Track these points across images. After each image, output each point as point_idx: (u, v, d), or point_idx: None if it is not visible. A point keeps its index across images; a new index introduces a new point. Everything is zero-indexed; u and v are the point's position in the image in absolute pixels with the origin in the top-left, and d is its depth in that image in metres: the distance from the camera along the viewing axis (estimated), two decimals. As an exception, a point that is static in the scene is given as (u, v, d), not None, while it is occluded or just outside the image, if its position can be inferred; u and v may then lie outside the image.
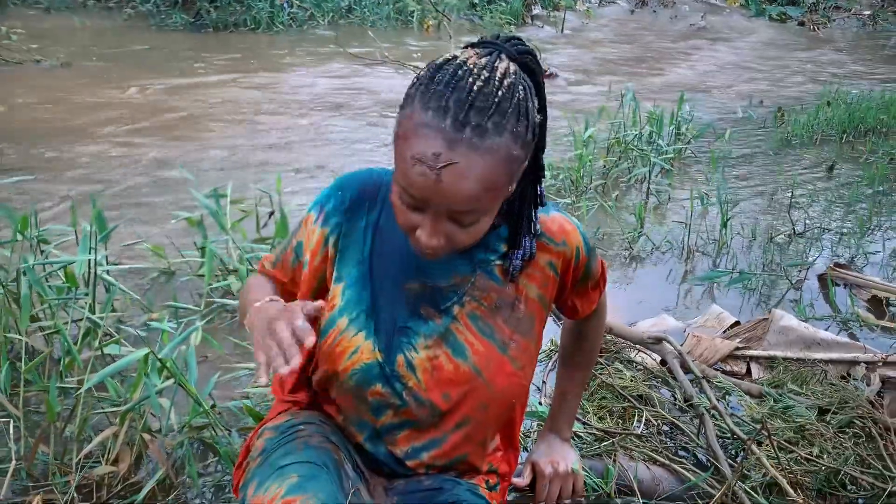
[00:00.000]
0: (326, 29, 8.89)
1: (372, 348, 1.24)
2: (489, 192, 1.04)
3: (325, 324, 1.27)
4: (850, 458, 1.78)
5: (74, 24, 8.18)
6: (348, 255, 1.27)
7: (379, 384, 1.25)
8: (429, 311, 1.26)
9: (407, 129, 1.03)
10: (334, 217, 1.27)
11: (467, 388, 1.26)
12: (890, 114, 5.41)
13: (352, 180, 1.29)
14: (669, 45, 9.30)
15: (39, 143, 4.31)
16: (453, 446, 1.32)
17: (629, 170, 4.05)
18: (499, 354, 1.27)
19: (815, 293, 3.01)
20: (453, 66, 1.03)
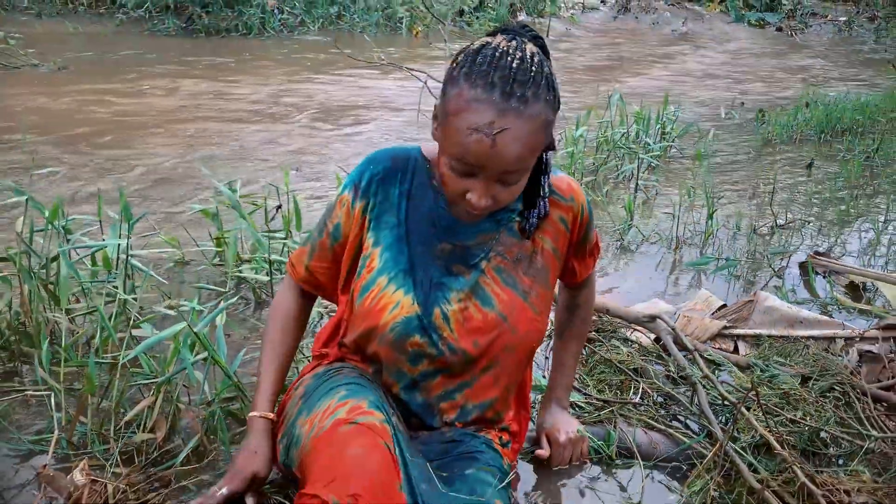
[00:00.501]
0: (317, 34, 9.05)
1: (411, 303, 1.40)
2: (532, 153, 1.23)
3: (364, 283, 1.43)
4: (831, 419, 1.94)
5: (67, 30, 8.27)
6: (383, 220, 1.43)
7: (417, 335, 1.40)
8: (459, 268, 1.43)
9: (458, 105, 1.20)
10: (371, 188, 1.43)
11: (495, 334, 1.43)
12: (865, 114, 5.63)
13: (383, 154, 1.46)
14: (652, 49, 9.53)
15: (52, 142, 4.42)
16: (483, 387, 1.48)
17: (618, 167, 4.22)
18: (521, 302, 1.44)
19: (796, 280, 3.18)
20: (490, 50, 1.21)
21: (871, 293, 3.05)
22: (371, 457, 1.24)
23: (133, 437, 1.86)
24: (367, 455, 1.24)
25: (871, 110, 5.72)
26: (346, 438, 1.27)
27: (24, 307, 2.22)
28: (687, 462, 1.93)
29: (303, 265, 1.54)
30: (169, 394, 1.95)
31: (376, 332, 1.43)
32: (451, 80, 1.23)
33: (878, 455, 1.89)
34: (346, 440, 1.27)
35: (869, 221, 3.83)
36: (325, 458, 1.26)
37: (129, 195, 3.67)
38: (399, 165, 1.44)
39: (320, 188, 3.92)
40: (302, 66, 7.36)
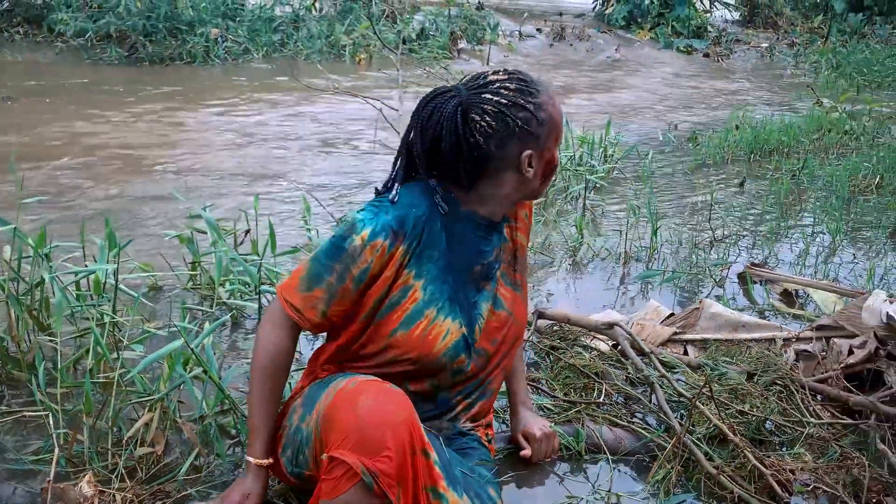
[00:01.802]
0: (261, 62, 9.13)
1: (459, 326, 1.57)
2: None
3: (410, 314, 1.54)
4: (775, 410, 2.16)
5: (5, 59, 8.17)
6: (426, 254, 1.54)
7: (463, 354, 1.59)
8: (484, 284, 1.63)
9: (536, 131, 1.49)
10: (416, 230, 1.51)
11: (505, 330, 1.65)
12: (790, 136, 6.02)
13: (414, 195, 1.54)
14: (588, 74, 9.91)
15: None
16: (491, 381, 1.70)
17: (566, 188, 4.45)
18: (517, 294, 1.69)
19: (735, 289, 3.44)
20: (515, 83, 1.50)
21: (803, 299, 3.33)
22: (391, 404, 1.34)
23: (134, 452, 1.95)
24: (387, 403, 1.34)
25: (795, 132, 6.12)
26: (362, 390, 1.37)
27: (12, 332, 2.28)
28: (649, 454, 2.12)
29: (318, 312, 1.53)
30: (165, 410, 2.05)
31: (428, 358, 1.56)
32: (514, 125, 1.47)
33: (816, 440, 2.12)
34: (363, 391, 1.36)
35: (798, 233, 4.13)
36: (344, 414, 1.33)
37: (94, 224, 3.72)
38: (431, 201, 1.54)
39: (284, 212, 4.04)
40: (247, 92, 7.44)
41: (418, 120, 1.51)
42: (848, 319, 2.50)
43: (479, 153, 1.48)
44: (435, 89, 1.53)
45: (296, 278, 1.55)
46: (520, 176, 1.52)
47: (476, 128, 1.46)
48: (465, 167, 1.50)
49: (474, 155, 1.48)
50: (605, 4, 13.94)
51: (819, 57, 11.43)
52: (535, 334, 2.75)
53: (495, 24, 10.93)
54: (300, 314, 1.54)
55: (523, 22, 11.81)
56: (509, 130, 1.47)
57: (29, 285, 2.33)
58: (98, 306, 2.29)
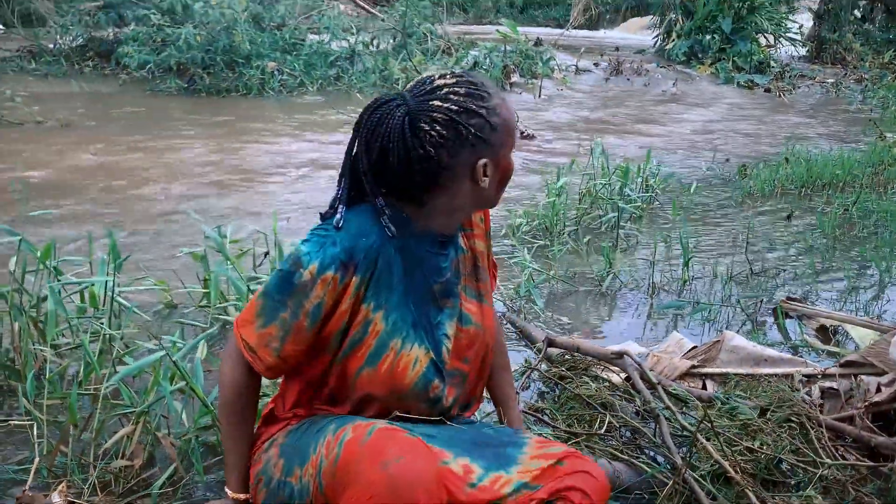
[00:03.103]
0: (315, 94, 9.30)
1: (425, 352, 1.47)
2: None
3: (373, 350, 1.43)
4: (787, 447, 2.00)
5: (73, 89, 8.53)
6: (382, 283, 1.42)
7: (435, 380, 1.49)
8: (445, 301, 1.52)
9: (490, 137, 1.40)
10: (366, 261, 1.40)
11: (477, 344, 1.55)
12: (844, 169, 5.78)
13: (363, 223, 1.42)
14: (642, 108, 9.77)
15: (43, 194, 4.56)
16: (473, 387, 1.62)
17: (600, 217, 4.34)
18: (484, 306, 1.58)
19: (769, 323, 3.26)
20: (465, 87, 1.40)
21: (841, 336, 3.13)
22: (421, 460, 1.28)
23: (111, 464, 1.92)
24: (417, 459, 1.28)
25: (850, 165, 5.87)
26: (386, 443, 1.29)
27: (14, 343, 2.31)
28: (649, 491, 1.99)
29: (272, 350, 1.42)
30: (148, 424, 2.02)
31: (400, 391, 1.46)
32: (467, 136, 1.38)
33: (833, 483, 1.95)
34: (388, 444, 1.28)
35: (844, 270, 3.92)
36: (369, 469, 1.26)
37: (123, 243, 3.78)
38: (379, 229, 1.42)
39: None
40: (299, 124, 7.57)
41: (362, 133, 1.39)
42: (877, 355, 2.33)
43: (431, 165, 1.37)
44: (377, 98, 1.42)
45: (251, 313, 1.44)
46: (475, 186, 1.42)
47: (426, 138, 1.35)
48: (415, 181, 1.38)
49: (425, 167, 1.37)
50: (666, 40, 13.81)
51: (887, 92, 11.02)
52: (545, 363, 2.65)
53: (549, 57, 10.91)
54: (254, 354, 1.43)
55: (580, 56, 11.76)
56: (462, 139, 1.37)
57: (32, 297, 2.35)
58: (97, 318, 2.30)
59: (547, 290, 3.50)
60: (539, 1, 22.67)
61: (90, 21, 10.08)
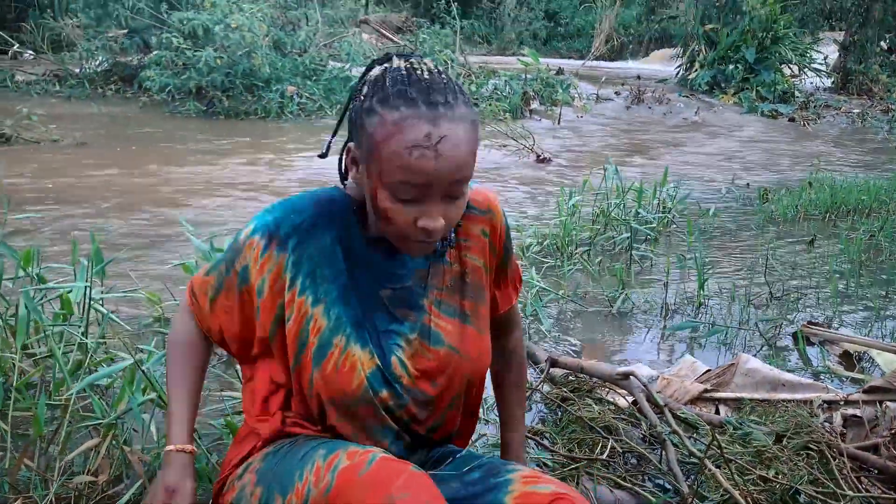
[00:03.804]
0: (334, 118, 9.27)
1: (370, 357, 1.29)
2: (472, 156, 1.17)
3: (317, 348, 1.28)
4: (805, 477, 1.83)
5: (92, 110, 8.59)
6: (319, 274, 1.29)
7: (384, 389, 1.30)
8: (403, 312, 1.33)
9: (385, 130, 1.13)
10: (292, 239, 1.28)
11: (450, 369, 1.34)
12: (871, 195, 5.59)
13: (304, 201, 1.31)
14: (663, 135, 9.64)
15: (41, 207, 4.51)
16: (451, 422, 1.42)
17: (613, 238, 4.20)
18: (467, 328, 1.37)
19: (789, 349, 3.09)
20: (393, 72, 1.17)
21: (866, 363, 2.95)
22: (425, 494, 1.14)
23: (72, 480, 1.80)
24: (422, 493, 1.13)
25: (877, 191, 5.68)
26: (390, 475, 1.15)
27: (-11, 351, 2.21)
28: (653, 522, 1.83)
29: (207, 301, 1.36)
30: (116, 437, 1.90)
31: (353, 394, 1.29)
32: (367, 112, 1.16)
33: (854, 517, 1.78)
34: (392, 477, 1.14)
35: (869, 297, 3.73)
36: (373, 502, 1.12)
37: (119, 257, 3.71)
38: (324, 210, 1.30)
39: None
40: (316, 143, 7.54)
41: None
42: (904, 380, 2.16)
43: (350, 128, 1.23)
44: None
45: (205, 266, 1.41)
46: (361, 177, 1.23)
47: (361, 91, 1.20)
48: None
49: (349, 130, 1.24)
50: (689, 70, 13.70)
51: (916, 121, 10.83)
52: (548, 384, 2.50)
53: (567, 84, 10.84)
54: (194, 300, 1.38)
55: (601, 85, 11.68)
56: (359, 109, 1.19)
57: (10, 304, 2.26)
58: (71, 325, 2.19)
59: (556, 310, 3.35)
60: (562, 33, 22.75)
61: (116, 47, 10.21)
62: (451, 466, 1.38)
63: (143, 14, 9.34)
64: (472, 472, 1.36)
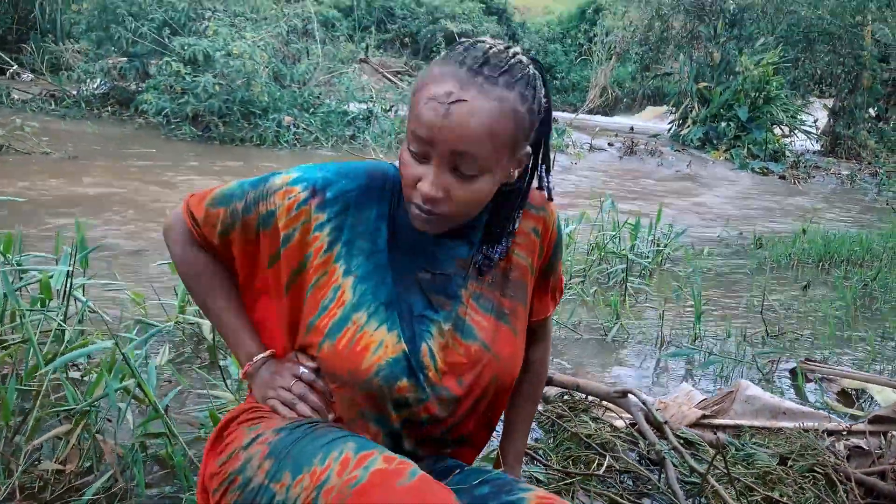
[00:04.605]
0: (329, 150, 9.29)
1: (396, 340, 1.21)
2: (490, 140, 1.09)
3: (336, 320, 1.22)
4: (811, 500, 1.75)
5: (86, 129, 8.54)
6: (357, 246, 1.23)
7: (405, 378, 1.21)
8: (439, 300, 1.26)
9: (423, 81, 1.12)
10: (337, 204, 1.23)
11: (480, 368, 1.26)
12: (863, 247, 5.59)
13: (357, 169, 1.26)
14: (655, 185, 9.70)
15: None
16: (466, 428, 1.31)
17: (608, 271, 4.16)
18: (502, 326, 1.28)
19: (785, 385, 3.02)
20: (472, 40, 1.15)
21: (865, 402, 2.88)
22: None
23: (38, 466, 1.70)
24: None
25: (869, 244, 5.69)
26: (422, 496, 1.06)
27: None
28: (651, 541, 1.74)
29: (215, 233, 1.29)
30: (89, 426, 1.80)
31: (358, 376, 1.20)
32: (424, 69, 1.16)
33: (863, 543, 1.69)
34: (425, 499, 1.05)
35: (864, 340, 3.68)
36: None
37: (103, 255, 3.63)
38: (376, 184, 1.25)
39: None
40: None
41: None
42: (910, 410, 2.09)
43: None
44: None
45: (210, 191, 1.31)
46: None
47: None
48: None
49: None
50: (682, 126, 13.87)
51: (904, 184, 10.97)
52: (542, 403, 2.42)
53: (562, 130, 10.93)
54: (197, 227, 1.30)
55: (595, 135, 11.79)
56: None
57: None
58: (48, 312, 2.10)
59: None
60: (557, 86, 23.08)
61: (115, 73, 10.22)
62: (457, 479, 1.27)
63: (146, 38, 9.36)
64: (481, 487, 1.25)
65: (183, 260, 1.34)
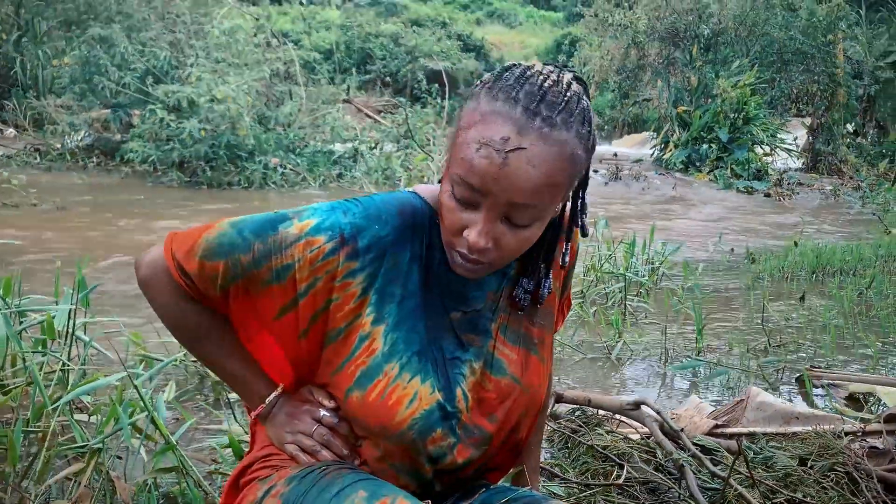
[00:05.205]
0: (317, 190, 9.31)
1: (430, 391, 1.14)
2: (549, 189, 1.02)
3: (364, 371, 1.14)
4: (834, 498, 1.74)
5: (73, 180, 8.53)
6: (388, 292, 1.13)
7: (439, 428, 1.15)
8: (470, 337, 1.19)
9: (472, 117, 1.02)
10: (371, 252, 1.12)
11: (510, 402, 1.20)
12: (855, 257, 5.63)
13: (385, 207, 1.14)
14: (642, 208, 9.77)
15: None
16: (495, 462, 1.27)
17: (605, 291, 4.16)
18: (531, 357, 1.23)
19: (793, 393, 3.01)
20: (521, 69, 1.05)
21: (873, 405, 2.87)
22: None
23: (50, 507, 1.66)
24: None
25: (860, 254, 5.73)
26: None
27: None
28: (676, 550, 1.72)
29: (216, 287, 1.13)
30: (100, 465, 1.77)
31: (390, 430, 1.14)
32: (470, 95, 1.05)
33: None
34: None
35: (867, 344, 3.69)
36: None
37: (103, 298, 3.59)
38: (407, 222, 1.14)
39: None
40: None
41: None
42: (925, 405, 2.08)
43: None
44: None
45: (197, 237, 1.13)
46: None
47: None
48: None
49: None
50: (664, 150, 14.02)
51: (887, 194, 11.08)
52: (552, 421, 2.40)
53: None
54: (188, 281, 1.13)
55: (579, 161, 11.88)
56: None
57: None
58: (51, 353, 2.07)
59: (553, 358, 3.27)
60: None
61: (99, 126, 10.23)
62: (483, 499, 1.24)
63: (130, 87, 9.40)
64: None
65: (170, 314, 1.20)
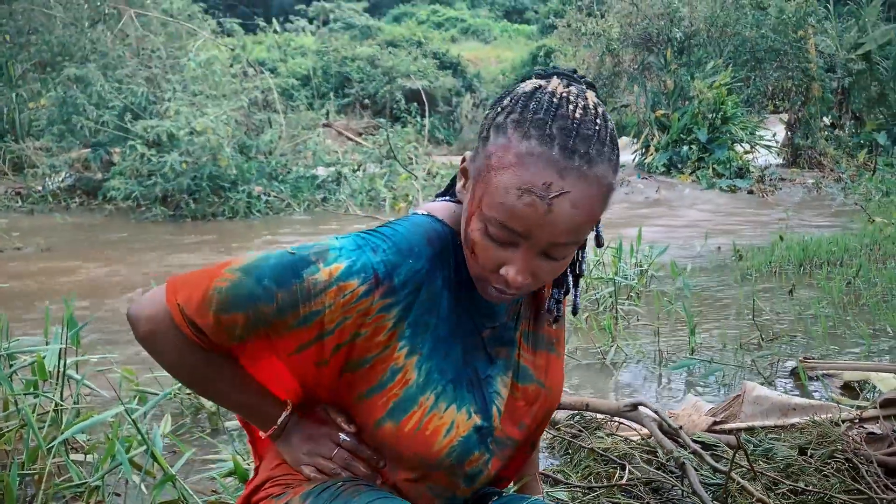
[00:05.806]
0: (302, 215, 9.31)
1: (467, 418, 1.12)
2: (589, 223, 1.00)
3: (398, 402, 1.10)
4: (836, 485, 1.74)
5: (56, 221, 8.49)
6: (422, 321, 1.10)
7: (476, 451, 1.14)
8: (498, 350, 1.18)
9: (506, 158, 0.98)
10: (407, 287, 1.07)
11: (536, 406, 1.21)
12: (840, 247, 5.67)
13: (415, 239, 1.10)
14: (627, 211, 9.81)
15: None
16: (510, 465, 1.26)
17: (596, 296, 4.17)
18: (552, 357, 1.23)
19: (788, 386, 3.02)
20: (546, 95, 1.00)
21: (868, 392, 2.89)
22: None
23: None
24: None
25: (846, 244, 5.77)
26: None
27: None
28: (682, 548, 1.71)
29: (233, 337, 1.07)
30: (100, 502, 1.75)
31: (428, 459, 1.13)
32: (496, 128, 1.00)
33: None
34: None
35: (858, 336, 3.71)
36: None
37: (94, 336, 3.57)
38: (437, 250, 1.11)
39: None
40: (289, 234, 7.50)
41: None
42: (919, 387, 2.10)
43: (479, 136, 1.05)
44: None
45: (207, 288, 1.05)
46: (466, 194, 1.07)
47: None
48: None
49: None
50: (645, 155, 14.11)
51: (869, 184, 11.19)
52: (552, 427, 2.40)
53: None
54: (201, 335, 1.07)
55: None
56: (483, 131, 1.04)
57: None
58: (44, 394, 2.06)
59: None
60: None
61: (80, 166, 10.19)
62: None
63: (108, 125, 9.37)
64: None
65: (181, 370, 1.15)
